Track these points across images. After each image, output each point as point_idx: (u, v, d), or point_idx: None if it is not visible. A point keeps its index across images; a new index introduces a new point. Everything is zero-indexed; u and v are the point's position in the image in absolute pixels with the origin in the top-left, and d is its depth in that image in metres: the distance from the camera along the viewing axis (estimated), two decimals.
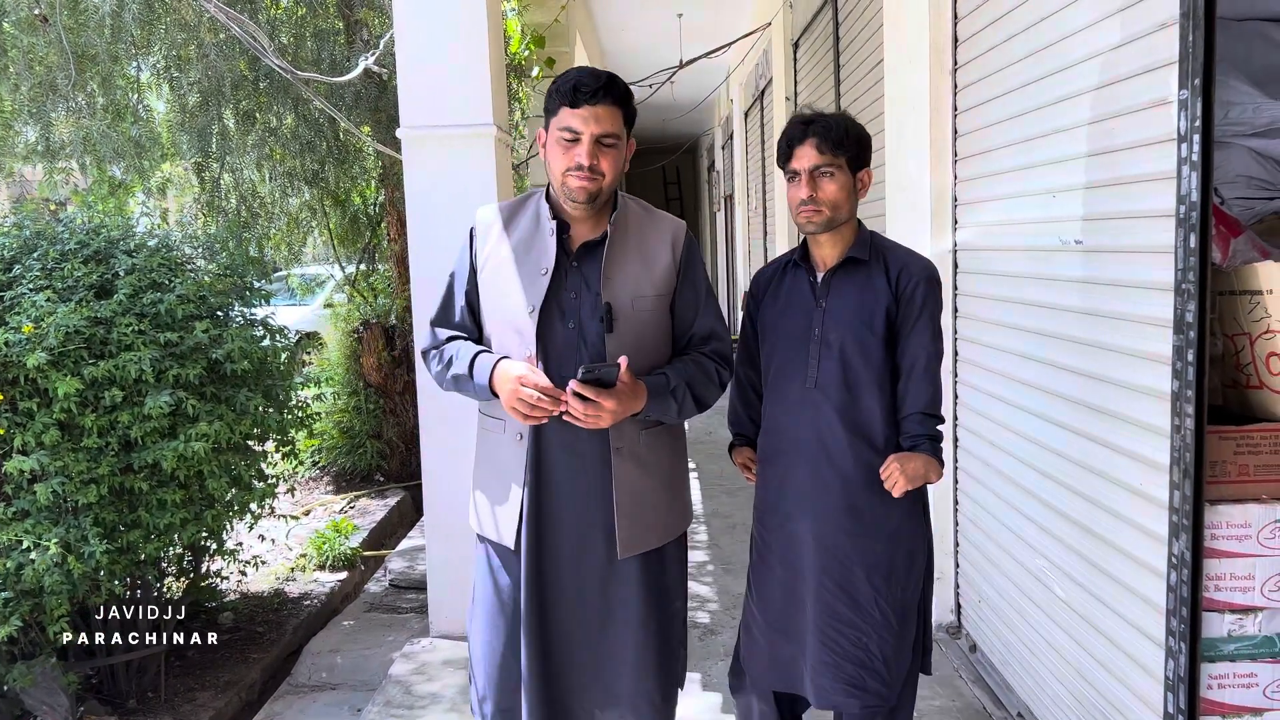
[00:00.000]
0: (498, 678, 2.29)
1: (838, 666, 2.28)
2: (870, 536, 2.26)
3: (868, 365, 2.24)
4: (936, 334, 2.28)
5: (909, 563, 2.30)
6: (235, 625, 4.71)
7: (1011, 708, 3.19)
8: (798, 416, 2.30)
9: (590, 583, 2.25)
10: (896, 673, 2.29)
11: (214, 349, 3.62)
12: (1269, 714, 2.21)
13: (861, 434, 2.26)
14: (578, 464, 2.22)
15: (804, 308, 2.31)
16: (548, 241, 2.24)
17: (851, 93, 5.60)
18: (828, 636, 2.28)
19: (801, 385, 2.29)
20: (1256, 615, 2.19)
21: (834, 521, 2.27)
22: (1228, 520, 2.17)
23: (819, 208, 2.23)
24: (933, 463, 2.22)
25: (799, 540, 2.31)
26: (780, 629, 2.37)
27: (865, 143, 2.31)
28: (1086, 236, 2.60)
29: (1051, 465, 2.88)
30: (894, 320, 2.25)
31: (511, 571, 2.28)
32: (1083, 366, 2.66)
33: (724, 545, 5.08)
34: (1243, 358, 2.25)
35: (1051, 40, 2.76)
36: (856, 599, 2.27)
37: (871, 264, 2.28)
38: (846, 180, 2.25)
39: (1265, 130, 2.49)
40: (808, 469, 2.29)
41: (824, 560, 2.28)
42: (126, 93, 5.14)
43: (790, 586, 2.35)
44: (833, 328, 2.26)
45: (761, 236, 10.03)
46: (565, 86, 2.16)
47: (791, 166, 2.28)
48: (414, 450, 7.64)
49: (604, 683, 2.28)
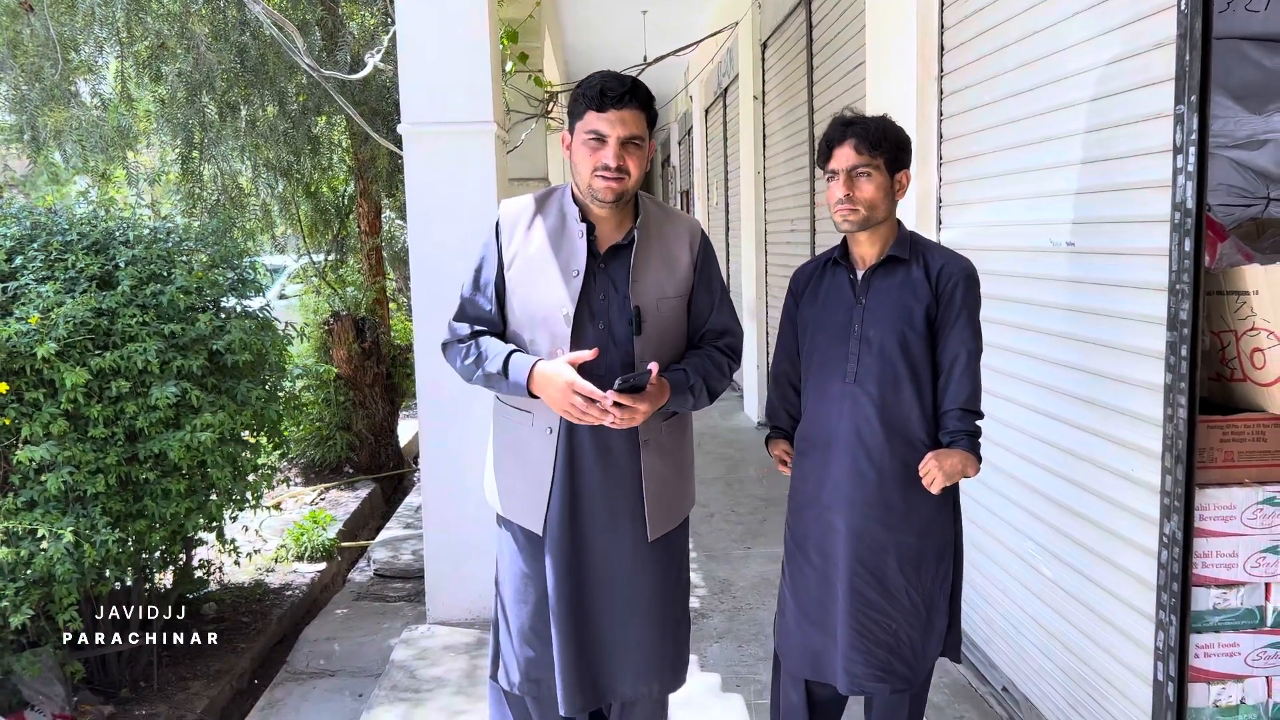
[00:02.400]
0: (526, 650, 2.38)
1: (869, 652, 2.37)
2: (903, 529, 2.36)
3: (907, 362, 2.32)
4: (976, 331, 2.36)
5: (939, 555, 2.40)
6: (219, 615, 4.72)
7: (995, 682, 3.37)
8: (837, 411, 2.38)
9: (619, 565, 2.35)
10: (923, 658, 2.41)
11: (215, 340, 3.64)
12: (1250, 680, 2.40)
13: (898, 429, 2.34)
14: (607, 456, 2.32)
15: (844, 305, 2.40)
16: (577, 243, 2.31)
17: (826, 94, 5.76)
18: (860, 623, 2.37)
19: (841, 381, 2.37)
20: (1239, 589, 2.39)
21: (869, 514, 2.36)
22: (1215, 503, 2.36)
23: (855, 207, 2.32)
24: (970, 458, 2.30)
25: (835, 531, 2.40)
26: (814, 619, 2.45)
27: (904, 145, 2.38)
28: (1079, 239, 2.78)
29: (1040, 453, 3.06)
30: (933, 318, 2.33)
31: (538, 556, 2.36)
32: (1072, 360, 2.84)
33: (704, 534, 5.22)
34: (1228, 353, 2.44)
35: (1045, 53, 2.93)
36: (888, 587, 2.36)
37: (911, 262, 2.36)
38: (884, 181, 2.33)
39: (1245, 142, 2.69)
40: (845, 462, 2.37)
41: (859, 550, 2.37)
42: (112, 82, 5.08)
43: (825, 575, 2.43)
44: (873, 324, 2.34)
45: (724, 233, 10.17)
46: (591, 91, 2.23)
47: (830, 166, 2.37)
48: (383, 442, 7.65)
49: (628, 658, 2.38)
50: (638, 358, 2.26)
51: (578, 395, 2.15)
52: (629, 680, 2.40)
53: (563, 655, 2.31)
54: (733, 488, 6.14)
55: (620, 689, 2.40)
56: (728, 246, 10.03)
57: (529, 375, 2.24)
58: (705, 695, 3.39)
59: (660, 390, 2.22)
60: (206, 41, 4.66)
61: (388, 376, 7.58)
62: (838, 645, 2.40)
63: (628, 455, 2.32)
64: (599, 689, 2.38)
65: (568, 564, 2.32)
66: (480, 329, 2.41)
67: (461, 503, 3.99)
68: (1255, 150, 2.68)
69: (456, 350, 2.42)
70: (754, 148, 7.99)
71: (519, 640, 2.40)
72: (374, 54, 4.31)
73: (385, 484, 7.53)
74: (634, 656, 2.39)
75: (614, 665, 2.38)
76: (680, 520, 2.47)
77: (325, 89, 4.83)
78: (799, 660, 2.48)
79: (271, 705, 3.68)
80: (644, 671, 2.41)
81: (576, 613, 2.33)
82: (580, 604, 2.33)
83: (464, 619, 4.08)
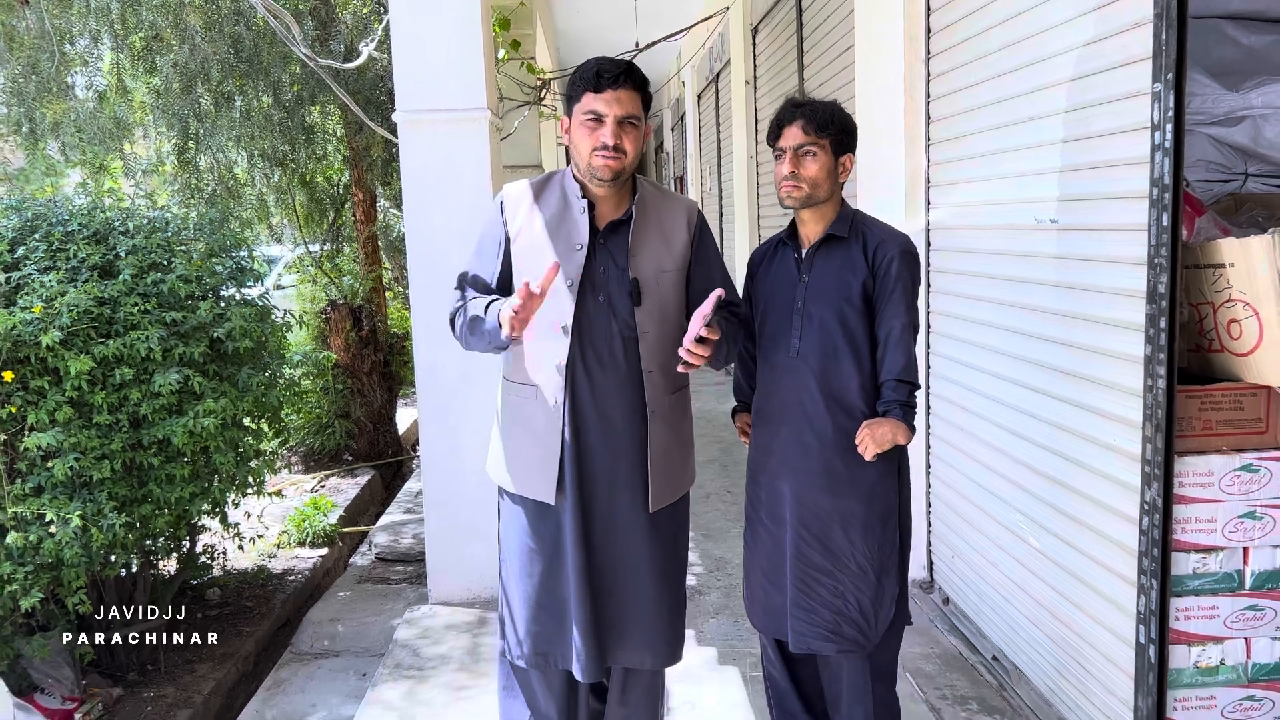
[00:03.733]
0: (536, 623, 2.45)
1: (813, 612, 2.47)
2: (847, 495, 2.44)
3: (845, 336, 2.41)
4: (911, 306, 2.44)
5: (884, 520, 2.47)
6: (223, 600, 4.80)
7: (985, 652, 3.45)
8: (782, 383, 2.48)
9: (621, 534, 2.41)
10: (875, 621, 2.47)
11: (215, 327, 3.70)
12: (1229, 642, 2.48)
13: (838, 400, 2.43)
14: (610, 428, 2.38)
15: (789, 282, 2.49)
16: (579, 219, 2.39)
17: (817, 78, 5.80)
18: (805, 585, 2.47)
19: (786, 354, 2.47)
20: (1218, 554, 2.46)
21: (812, 481, 2.45)
22: (1193, 470, 2.43)
23: (799, 184, 2.41)
24: (900, 426, 2.37)
25: (782, 497, 2.50)
26: (773, 580, 2.56)
27: (850, 130, 2.48)
28: (1062, 216, 2.84)
29: (1024, 426, 3.13)
30: (871, 293, 2.42)
31: (549, 525, 2.43)
32: (1054, 334, 2.91)
33: (700, 514, 5.30)
34: (1206, 324, 2.51)
35: (1028, 33, 2.99)
36: (833, 551, 2.45)
37: (851, 240, 2.45)
38: (828, 162, 2.42)
39: (1223, 119, 2.74)
40: (790, 432, 2.47)
41: (803, 515, 2.47)
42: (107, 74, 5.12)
43: (777, 539, 2.54)
44: (813, 300, 2.43)
45: (718, 218, 10.22)
46: (588, 74, 2.31)
47: (779, 145, 2.46)
48: (382, 430, 7.71)
49: (630, 626, 2.45)
50: (638, 328, 2.33)
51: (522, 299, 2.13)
52: (631, 649, 2.46)
53: (580, 619, 2.37)
54: (728, 469, 6.22)
55: (622, 656, 2.47)
56: (722, 232, 10.08)
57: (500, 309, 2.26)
58: (702, 668, 3.46)
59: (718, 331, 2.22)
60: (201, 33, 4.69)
61: (385, 364, 7.63)
62: (787, 604, 2.50)
63: (631, 426, 2.38)
64: (607, 654, 2.45)
65: (580, 531, 2.38)
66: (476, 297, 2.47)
67: (461, 485, 4.06)
68: (1233, 127, 2.74)
69: (457, 314, 2.48)
70: (746, 132, 8.03)
71: (525, 615, 2.46)
72: (368, 43, 4.35)
73: (384, 471, 7.59)
74: (635, 626, 2.45)
75: (618, 632, 2.44)
76: (681, 494, 2.53)
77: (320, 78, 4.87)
78: (763, 619, 2.58)
79: (277, 685, 3.75)
80: (644, 643, 2.47)
81: (589, 578, 2.39)
82: (590, 567, 2.40)
83: (465, 599, 4.15)
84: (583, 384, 2.34)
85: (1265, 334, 2.34)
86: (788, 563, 2.49)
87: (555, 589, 2.42)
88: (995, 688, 3.26)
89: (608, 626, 2.43)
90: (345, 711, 3.46)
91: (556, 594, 2.42)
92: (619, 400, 2.35)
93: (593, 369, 2.34)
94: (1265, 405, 2.43)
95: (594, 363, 2.34)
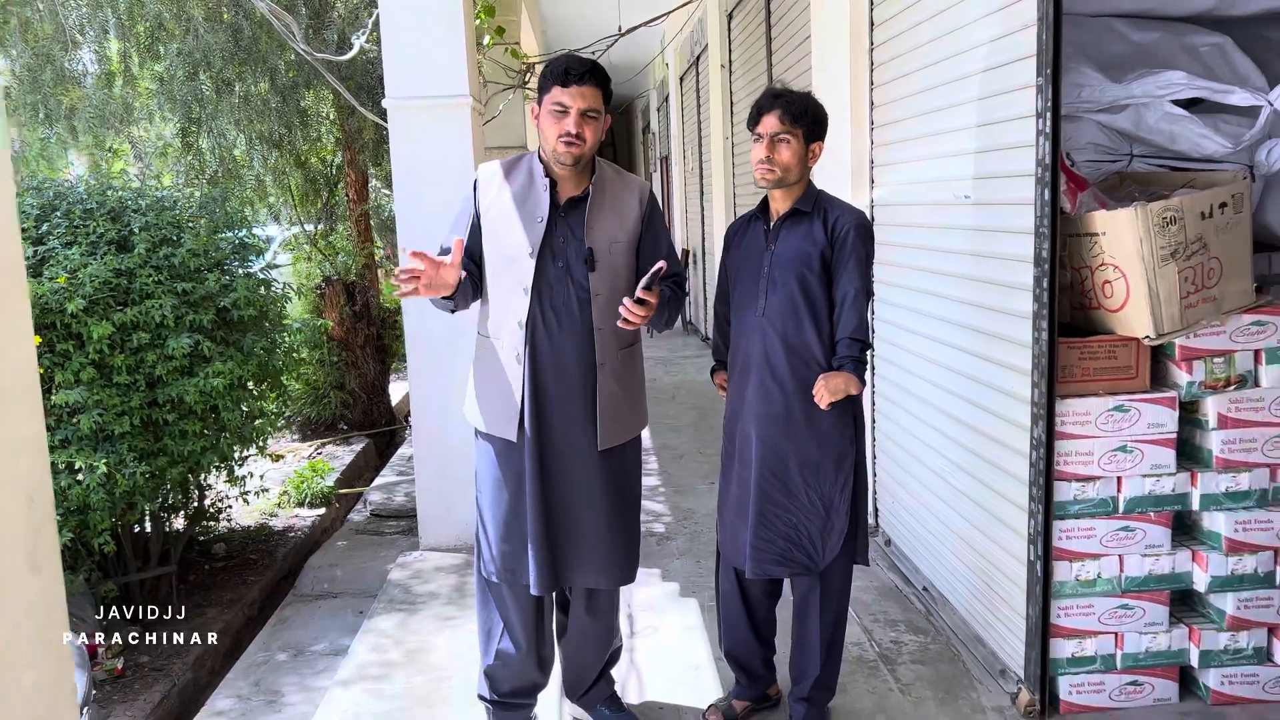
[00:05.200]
0: (504, 543, 2.82)
1: (771, 541, 2.82)
2: (804, 439, 2.78)
3: (806, 298, 2.74)
4: (865, 274, 2.77)
5: (838, 463, 2.81)
6: (228, 554, 5.19)
7: (918, 583, 3.86)
8: (750, 340, 2.82)
9: (576, 469, 2.78)
10: (823, 550, 2.82)
11: (222, 297, 4.07)
12: (1104, 558, 2.88)
13: (799, 354, 2.77)
14: (564, 376, 2.75)
15: (758, 251, 2.84)
16: (541, 195, 2.74)
17: (783, 64, 6.15)
18: (764, 518, 2.82)
19: (754, 314, 2.81)
20: (1095, 483, 2.86)
21: (775, 426, 2.80)
22: (1073, 410, 2.82)
23: (773, 168, 2.73)
24: (852, 379, 2.71)
25: (750, 440, 2.84)
26: (739, 514, 2.90)
27: (822, 120, 2.81)
28: (975, 192, 3.22)
29: (948, 380, 3.52)
30: (829, 261, 2.75)
31: (513, 459, 2.80)
32: (969, 297, 3.29)
33: (672, 471, 5.69)
34: (1086, 285, 2.89)
35: (949, 29, 3.36)
36: (790, 488, 2.80)
37: (813, 215, 2.78)
38: (800, 148, 2.74)
39: (1109, 107, 3.11)
40: (756, 382, 2.81)
41: (765, 456, 2.81)
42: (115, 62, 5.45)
43: (743, 479, 2.88)
44: (779, 267, 2.77)
45: (699, 197, 10.57)
46: (557, 70, 2.66)
47: (758, 130, 2.78)
48: (375, 400, 8.08)
49: (584, 549, 2.82)
50: (591, 291, 2.69)
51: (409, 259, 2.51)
52: (586, 571, 2.83)
53: (534, 540, 2.75)
54: (701, 433, 6.61)
55: (576, 577, 2.84)
56: (702, 210, 10.42)
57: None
58: (665, 599, 3.86)
59: (657, 296, 2.61)
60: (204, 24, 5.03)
61: (378, 338, 8.00)
62: (748, 535, 2.85)
63: (583, 376, 2.75)
64: (560, 572, 2.82)
65: (538, 465, 2.75)
66: None
67: (448, 439, 4.43)
68: (1118, 114, 3.10)
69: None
70: (722, 114, 8.38)
71: (495, 536, 2.84)
72: (360, 35, 4.69)
73: (378, 440, 7.97)
74: (588, 550, 2.82)
75: (572, 553, 2.81)
76: (630, 437, 2.89)
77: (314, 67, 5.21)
78: (731, 549, 2.93)
79: (282, 622, 4.14)
80: (597, 566, 2.84)
81: (545, 503, 2.76)
82: (547, 497, 2.77)
83: (453, 545, 4.54)
84: (542, 338, 2.70)
85: (1132, 293, 2.72)
86: (751, 499, 2.83)
87: (519, 514, 2.79)
88: (923, 613, 3.66)
89: (564, 550, 2.80)
90: (345, 642, 3.85)
91: (520, 519, 2.79)
92: (573, 352, 2.71)
93: (550, 325, 2.71)
94: (1135, 355, 2.82)
95: (552, 320, 2.70)
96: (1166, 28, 3.32)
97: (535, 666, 2.92)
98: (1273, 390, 2.84)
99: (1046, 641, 2.88)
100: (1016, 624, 3.02)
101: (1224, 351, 2.83)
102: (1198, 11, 3.30)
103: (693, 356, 9.92)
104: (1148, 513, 2.87)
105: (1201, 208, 2.71)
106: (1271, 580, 2.89)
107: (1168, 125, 3.07)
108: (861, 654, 3.37)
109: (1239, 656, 2.91)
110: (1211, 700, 2.92)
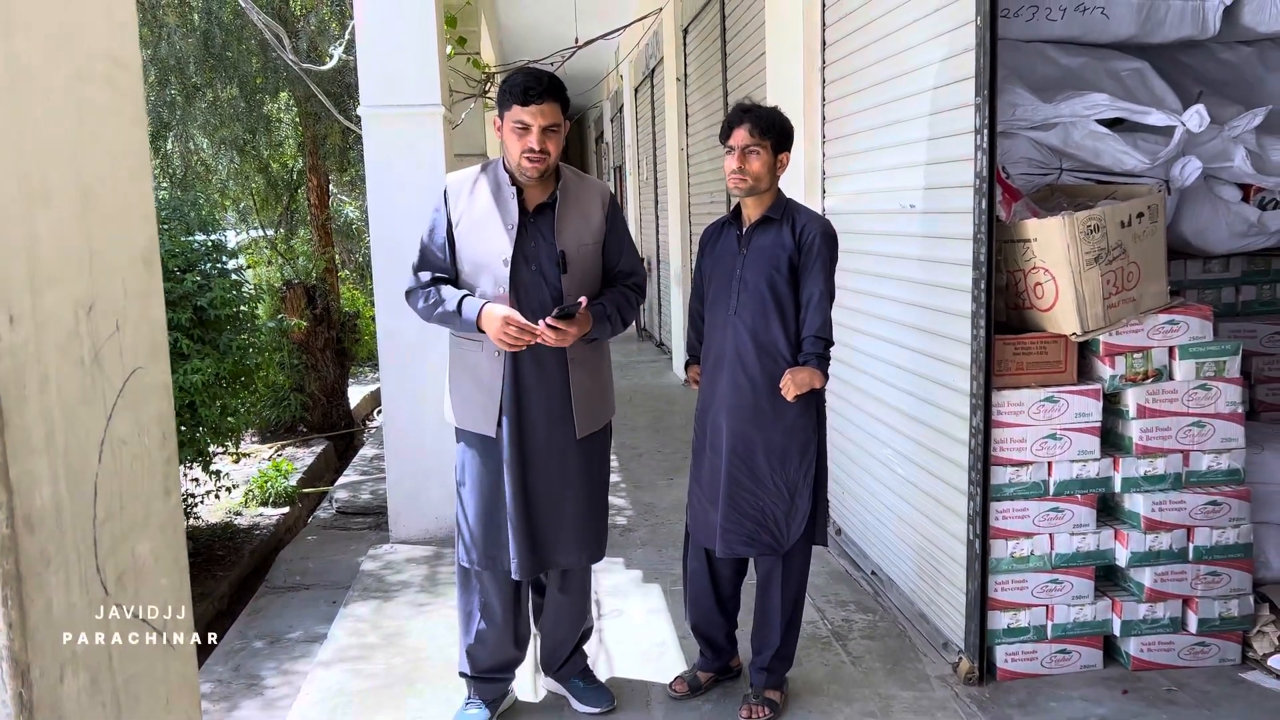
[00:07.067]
0: (484, 533, 3.00)
1: (739, 523, 3.04)
2: (771, 428, 3.00)
3: (774, 298, 2.96)
4: (829, 277, 3.01)
5: (801, 451, 3.03)
6: (195, 550, 5.27)
7: (866, 568, 4.11)
8: (723, 337, 3.03)
9: (556, 458, 2.97)
10: (788, 531, 3.04)
11: (199, 296, 4.19)
12: (1036, 537, 3.15)
13: (767, 350, 2.98)
14: (543, 372, 2.94)
15: (730, 254, 3.05)
16: (510, 204, 2.91)
17: (738, 79, 6.42)
18: (733, 501, 3.04)
19: (726, 312, 3.02)
20: (1028, 467, 3.13)
21: (744, 416, 3.01)
22: (1009, 401, 3.08)
23: (745, 177, 2.95)
24: (817, 373, 2.95)
25: (720, 430, 3.05)
26: (710, 499, 3.11)
27: (788, 133, 3.03)
28: (920, 202, 3.48)
29: (895, 377, 3.78)
30: (796, 265, 2.97)
31: (493, 454, 2.98)
32: (915, 299, 3.56)
33: (633, 469, 5.91)
34: (1020, 287, 3.17)
35: (898, 50, 3.62)
36: (757, 474, 3.02)
37: (783, 222, 3.00)
38: (769, 159, 2.96)
39: (1040, 125, 3.40)
40: (727, 376, 3.03)
41: (735, 444, 3.02)
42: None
43: (714, 466, 3.09)
44: (749, 269, 2.99)
45: (654, 206, 10.81)
46: (516, 89, 2.81)
47: (729, 143, 3.00)
48: (335, 403, 8.18)
49: (564, 533, 3.01)
50: (565, 292, 2.89)
51: (511, 326, 2.73)
52: (566, 550, 3.03)
53: (515, 531, 2.93)
54: (659, 433, 6.83)
55: (558, 559, 3.04)
56: (657, 219, 10.66)
57: (479, 313, 2.84)
58: (629, 585, 4.07)
59: (585, 319, 2.83)
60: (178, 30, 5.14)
61: (338, 341, 8.10)
62: (718, 519, 3.07)
63: (558, 371, 2.94)
64: (543, 557, 3.01)
65: (516, 458, 2.93)
66: (439, 276, 3.00)
67: (419, 436, 4.59)
68: (1048, 131, 3.39)
69: (419, 295, 2.99)
70: (678, 127, 8.63)
71: (476, 526, 3.01)
72: (338, 46, 4.85)
73: (337, 442, 8.06)
74: (568, 532, 3.02)
75: (553, 538, 3.00)
76: (602, 424, 3.09)
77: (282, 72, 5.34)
78: (700, 531, 3.15)
79: (256, 612, 4.25)
80: (576, 544, 3.04)
81: (524, 496, 2.95)
82: (526, 489, 2.95)
83: (423, 538, 4.70)
84: None
85: (1060, 295, 3.00)
86: (721, 484, 3.03)
87: (499, 506, 2.97)
88: (871, 595, 3.91)
89: (544, 535, 2.98)
90: (320, 630, 3.98)
91: (500, 510, 2.97)
92: (548, 350, 2.90)
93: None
94: (1064, 350, 3.10)
95: (529, 320, 2.89)
96: (1092, 53, 3.63)
97: (513, 645, 3.11)
98: (1185, 383, 3.14)
99: (985, 614, 3.14)
100: (957, 599, 3.27)
101: (1142, 348, 3.12)
102: (1120, 39, 3.61)
103: (648, 362, 10.15)
104: (1075, 495, 3.14)
105: (1121, 217, 3.00)
106: (1185, 556, 3.18)
107: (1093, 142, 3.37)
108: (815, 631, 3.60)
109: (1156, 626, 3.20)
110: (1132, 666, 3.21)
